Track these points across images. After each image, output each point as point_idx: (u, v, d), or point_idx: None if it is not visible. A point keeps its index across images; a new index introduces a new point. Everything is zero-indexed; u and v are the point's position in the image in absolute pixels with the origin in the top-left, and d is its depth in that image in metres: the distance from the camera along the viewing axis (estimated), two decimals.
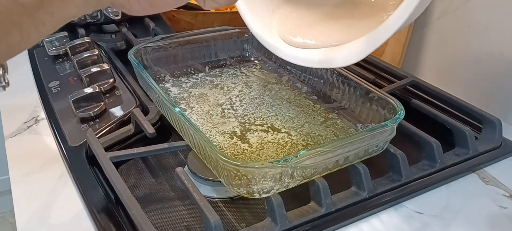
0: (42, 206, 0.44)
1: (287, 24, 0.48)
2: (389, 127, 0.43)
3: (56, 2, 0.27)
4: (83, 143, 0.50)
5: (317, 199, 0.42)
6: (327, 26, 0.46)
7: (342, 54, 0.41)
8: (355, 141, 0.41)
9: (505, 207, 0.46)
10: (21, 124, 0.57)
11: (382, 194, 0.45)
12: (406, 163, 0.47)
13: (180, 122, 0.44)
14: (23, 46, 0.28)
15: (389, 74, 0.67)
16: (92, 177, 0.46)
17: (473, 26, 0.64)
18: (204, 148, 0.41)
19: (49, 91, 0.63)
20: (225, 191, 0.46)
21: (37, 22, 0.27)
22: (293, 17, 0.49)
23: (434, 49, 0.71)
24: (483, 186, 0.49)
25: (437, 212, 0.45)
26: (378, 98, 0.49)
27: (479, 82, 0.64)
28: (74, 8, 0.28)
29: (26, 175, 0.48)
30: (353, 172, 0.44)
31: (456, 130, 0.53)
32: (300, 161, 0.38)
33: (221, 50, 0.65)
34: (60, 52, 0.73)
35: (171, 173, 0.50)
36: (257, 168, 0.37)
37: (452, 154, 0.51)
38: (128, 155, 0.47)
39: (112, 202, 0.43)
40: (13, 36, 0.26)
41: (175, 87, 0.59)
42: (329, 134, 0.51)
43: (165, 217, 0.44)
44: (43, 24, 0.27)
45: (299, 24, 0.47)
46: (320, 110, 0.55)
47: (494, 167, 0.51)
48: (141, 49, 0.57)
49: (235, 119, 0.53)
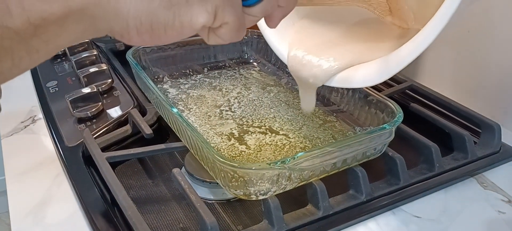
0: (38, 205, 0.44)
1: (302, 40, 0.48)
2: (388, 130, 0.43)
3: (51, 31, 0.25)
4: (80, 143, 0.50)
5: (315, 202, 0.42)
6: (344, 46, 0.45)
7: (361, 73, 0.41)
8: (354, 144, 0.41)
9: (503, 212, 0.45)
10: (18, 124, 0.57)
11: (380, 198, 0.45)
12: (404, 167, 0.46)
13: (178, 123, 0.44)
14: (14, 72, 0.26)
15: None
16: (88, 177, 0.46)
17: (473, 30, 0.64)
18: (201, 149, 0.40)
19: (46, 91, 0.63)
20: (222, 193, 0.46)
21: (31, 49, 0.25)
22: (309, 33, 0.48)
23: (433, 53, 0.71)
24: (482, 191, 0.48)
25: (435, 216, 0.44)
26: (377, 101, 0.49)
27: (479, 87, 0.64)
28: (70, 37, 0.27)
29: (22, 174, 0.48)
30: (351, 175, 0.44)
31: (454, 134, 0.53)
32: (298, 163, 0.37)
33: (220, 52, 0.65)
34: (59, 52, 0.73)
35: (167, 175, 0.49)
36: (254, 169, 0.36)
37: (451, 158, 0.51)
38: (124, 155, 0.47)
39: (108, 202, 0.43)
40: (4, 63, 0.25)
41: (173, 88, 0.59)
42: (327, 137, 0.50)
43: (161, 219, 0.43)
44: (37, 51, 0.26)
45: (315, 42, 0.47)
46: (318, 113, 0.55)
47: (493, 172, 0.51)
48: (139, 49, 0.57)
49: (233, 120, 0.53)
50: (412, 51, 0.35)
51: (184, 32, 0.30)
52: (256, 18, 0.33)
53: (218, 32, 0.31)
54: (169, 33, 0.29)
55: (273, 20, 0.36)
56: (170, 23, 0.28)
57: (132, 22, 0.27)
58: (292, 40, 0.48)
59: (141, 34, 0.28)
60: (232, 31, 0.31)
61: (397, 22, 0.47)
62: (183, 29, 0.29)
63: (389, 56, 0.38)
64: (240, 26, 0.31)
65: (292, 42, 0.48)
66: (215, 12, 0.29)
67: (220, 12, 0.29)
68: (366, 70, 0.41)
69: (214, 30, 0.31)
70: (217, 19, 0.30)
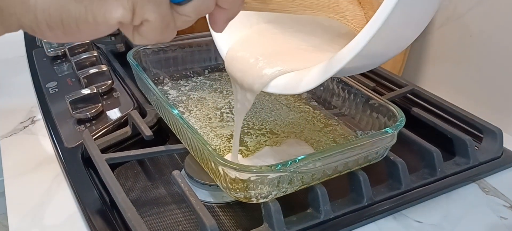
0: (36, 206, 0.43)
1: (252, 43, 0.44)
2: (390, 134, 0.42)
3: None
4: (79, 144, 0.50)
5: (316, 206, 0.41)
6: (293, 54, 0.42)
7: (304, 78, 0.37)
8: (355, 147, 0.40)
9: (505, 217, 0.45)
10: (17, 124, 0.57)
11: (381, 202, 0.44)
12: (406, 171, 0.46)
13: (178, 124, 0.43)
14: None
15: (390, 82, 0.67)
16: (87, 179, 0.46)
17: (475, 35, 0.64)
18: (201, 151, 0.40)
19: (46, 92, 0.62)
20: (222, 196, 0.45)
21: None
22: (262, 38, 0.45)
23: (435, 57, 0.71)
24: (484, 196, 0.48)
25: (436, 221, 0.44)
26: (379, 105, 0.49)
27: (480, 92, 0.64)
28: None
29: (20, 175, 0.48)
30: (352, 179, 0.44)
31: (456, 139, 0.52)
32: (299, 166, 0.37)
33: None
34: (59, 53, 0.73)
35: (167, 177, 0.49)
36: (255, 172, 0.36)
37: (452, 163, 0.51)
38: (124, 157, 0.46)
39: (107, 204, 0.43)
40: None
41: (174, 90, 0.58)
42: (328, 140, 0.50)
43: (161, 221, 0.43)
44: None
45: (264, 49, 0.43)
46: (319, 117, 0.55)
47: (495, 177, 0.51)
48: (140, 51, 0.57)
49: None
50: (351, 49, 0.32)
51: (99, 29, 0.28)
52: (189, 18, 0.30)
53: (140, 31, 0.29)
54: (82, 29, 0.27)
55: (216, 23, 0.33)
56: (82, 17, 0.27)
57: (40, 15, 0.26)
58: (242, 39, 0.44)
59: (53, 29, 0.27)
60: (156, 30, 0.29)
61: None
62: (97, 25, 0.27)
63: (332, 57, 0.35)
64: (165, 25, 0.29)
65: (241, 41, 0.44)
66: (133, 8, 0.27)
67: (139, 9, 0.27)
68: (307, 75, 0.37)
69: (136, 28, 0.29)
70: (136, 16, 0.28)
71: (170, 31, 0.30)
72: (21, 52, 0.76)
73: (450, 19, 0.67)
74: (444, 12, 0.68)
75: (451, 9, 0.66)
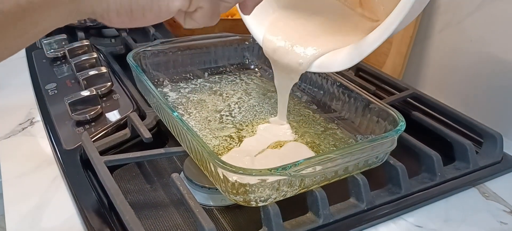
0: (34, 209, 0.43)
1: (281, 28, 0.50)
2: (390, 138, 0.42)
3: (38, 13, 0.27)
4: (78, 146, 0.50)
5: (315, 210, 0.41)
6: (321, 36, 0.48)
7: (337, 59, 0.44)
8: (355, 151, 0.40)
9: (505, 223, 0.45)
10: (16, 126, 0.57)
11: (381, 206, 0.44)
12: (405, 176, 0.46)
13: (178, 126, 0.43)
14: (4, 54, 0.28)
15: (390, 86, 0.67)
16: (86, 181, 0.45)
17: (476, 40, 0.64)
18: (201, 154, 0.40)
19: (45, 93, 0.62)
20: (221, 199, 0.45)
21: (20, 31, 0.27)
22: (288, 22, 0.50)
23: (435, 62, 0.71)
24: (483, 201, 0.48)
25: (436, 226, 0.44)
26: (379, 109, 0.48)
27: (481, 97, 0.64)
28: (56, 19, 0.28)
29: (18, 177, 0.47)
30: (352, 183, 0.44)
31: (456, 144, 0.52)
32: (299, 170, 0.37)
33: (221, 57, 0.65)
34: (59, 54, 0.73)
35: (166, 180, 0.49)
36: (255, 175, 0.36)
37: (452, 167, 0.51)
38: (123, 159, 0.46)
39: (105, 207, 0.42)
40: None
41: (173, 92, 0.58)
42: (328, 144, 0.50)
43: (159, 224, 0.43)
44: (26, 33, 0.28)
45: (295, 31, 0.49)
46: (319, 120, 0.54)
47: (495, 182, 0.51)
48: (140, 53, 0.57)
49: (233, 125, 0.52)
50: (378, 37, 0.39)
51: (161, 16, 0.32)
52: (229, 4, 0.35)
53: (193, 16, 0.34)
54: (147, 16, 0.31)
55: (246, 7, 0.38)
56: (148, 6, 0.31)
57: (112, 5, 0.30)
58: (270, 26, 0.51)
59: (121, 16, 0.31)
60: (206, 15, 0.34)
61: (367, 14, 0.50)
62: (160, 13, 0.31)
63: (359, 42, 0.41)
64: (214, 11, 0.34)
65: (270, 29, 0.50)
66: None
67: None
68: (340, 55, 0.44)
69: (189, 14, 0.34)
70: (192, 3, 0.32)
71: (216, 16, 0.35)
72: (20, 53, 0.76)
73: (450, 24, 0.67)
74: (444, 17, 0.68)
75: (451, 14, 0.66)
